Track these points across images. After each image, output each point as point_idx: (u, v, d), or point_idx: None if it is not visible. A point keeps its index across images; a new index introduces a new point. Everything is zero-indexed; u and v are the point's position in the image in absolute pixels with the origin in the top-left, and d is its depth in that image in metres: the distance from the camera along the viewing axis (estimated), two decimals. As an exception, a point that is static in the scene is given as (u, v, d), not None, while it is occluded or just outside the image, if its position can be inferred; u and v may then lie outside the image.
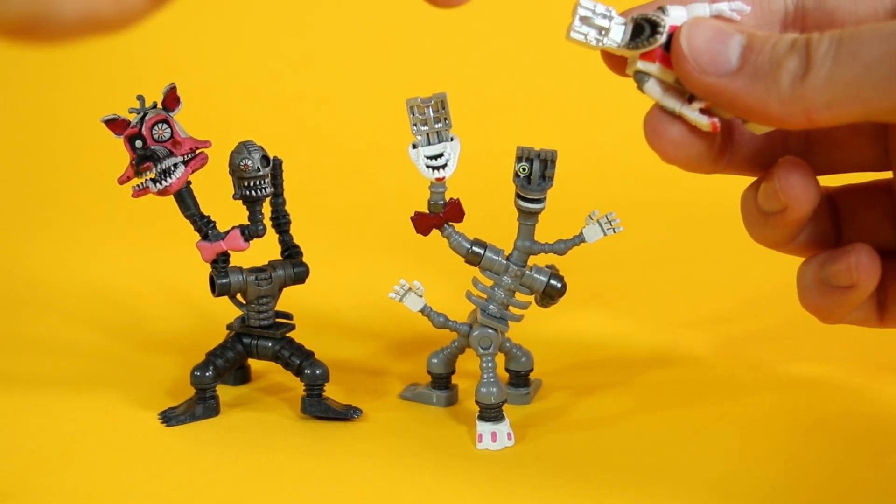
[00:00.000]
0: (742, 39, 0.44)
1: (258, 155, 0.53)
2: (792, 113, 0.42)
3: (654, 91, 0.45)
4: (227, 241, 0.55)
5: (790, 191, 0.47)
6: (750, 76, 0.43)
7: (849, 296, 0.48)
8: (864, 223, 0.52)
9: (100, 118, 0.53)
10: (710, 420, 0.54)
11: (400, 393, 0.58)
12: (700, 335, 0.66)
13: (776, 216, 0.48)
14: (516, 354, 0.57)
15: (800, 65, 0.42)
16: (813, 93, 0.41)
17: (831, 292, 0.49)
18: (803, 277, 0.50)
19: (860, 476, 0.48)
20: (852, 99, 0.41)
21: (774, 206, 0.48)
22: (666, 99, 0.45)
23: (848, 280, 0.48)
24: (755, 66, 0.43)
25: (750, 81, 0.43)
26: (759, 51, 0.43)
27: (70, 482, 0.48)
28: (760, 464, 0.49)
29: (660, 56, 0.44)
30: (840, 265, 0.48)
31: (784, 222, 0.48)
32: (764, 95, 0.42)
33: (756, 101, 0.43)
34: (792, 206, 0.47)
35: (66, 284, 0.77)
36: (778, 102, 0.42)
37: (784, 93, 0.42)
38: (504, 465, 0.50)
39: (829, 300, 0.49)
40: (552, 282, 0.53)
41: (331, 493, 0.47)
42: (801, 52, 0.42)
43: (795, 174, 0.47)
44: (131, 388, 0.59)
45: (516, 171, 0.51)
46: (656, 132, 0.46)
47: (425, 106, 0.51)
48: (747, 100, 0.43)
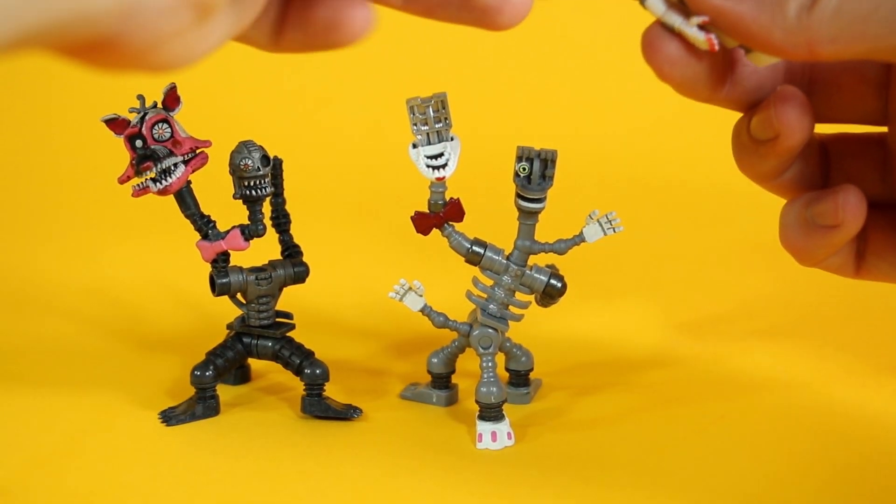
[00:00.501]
0: None
1: (258, 155, 0.53)
2: (795, 43, 0.42)
3: (655, 6, 0.44)
4: (227, 241, 0.55)
5: (784, 117, 0.46)
6: (757, 2, 0.42)
7: (832, 236, 0.48)
8: (853, 171, 0.52)
9: (100, 118, 0.53)
10: (710, 420, 0.54)
11: (400, 393, 0.58)
12: (700, 335, 0.66)
13: (767, 144, 0.48)
14: (516, 354, 0.57)
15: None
16: (819, 25, 0.41)
17: (815, 232, 0.48)
18: (786, 216, 0.50)
19: (860, 476, 0.48)
20: (858, 34, 0.41)
21: (767, 134, 0.47)
22: (668, 15, 0.44)
23: (833, 219, 0.48)
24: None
25: (756, 6, 0.42)
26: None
27: (70, 482, 0.48)
28: (760, 464, 0.49)
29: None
30: (827, 204, 0.47)
31: (775, 151, 0.48)
32: (768, 22, 0.42)
33: (760, 28, 0.42)
34: (785, 133, 0.47)
35: (66, 284, 0.77)
36: (782, 31, 0.42)
37: (789, 22, 0.42)
38: (504, 464, 0.50)
39: (811, 240, 0.49)
40: (552, 281, 0.53)
41: (331, 492, 0.47)
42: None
43: (792, 102, 0.47)
44: (131, 388, 0.59)
45: (516, 170, 0.51)
46: (653, 47, 0.45)
47: (425, 106, 0.51)
48: (751, 25, 0.42)
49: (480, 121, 0.54)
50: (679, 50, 0.45)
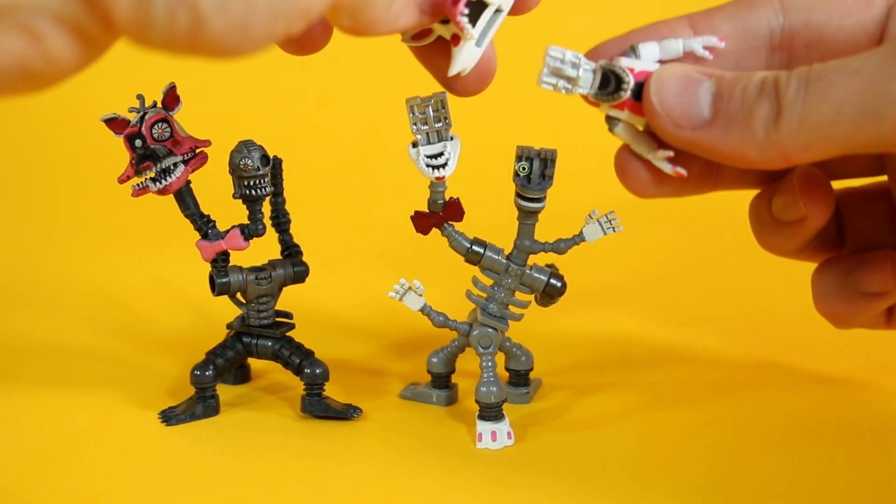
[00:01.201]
0: (711, 86, 0.44)
1: (258, 154, 0.53)
2: (770, 157, 0.42)
3: (624, 136, 0.46)
4: (226, 241, 0.54)
5: (812, 201, 0.47)
6: (724, 126, 0.43)
7: (879, 302, 0.49)
8: (866, 226, 0.52)
9: (100, 117, 0.53)
10: (710, 420, 0.54)
11: (400, 392, 0.58)
12: (700, 335, 0.66)
13: (793, 225, 0.49)
14: (516, 354, 0.57)
15: (771, 109, 0.42)
16: (788, 136, 0.41)
17: (858, 299, 0.49)
18: (822, 283, 0.51)
19: (861, 476, 0.48)
20: (827, 138, 0.41)
21: (793, 216, 0.48)
22: (636, 143, 0.46)
23: (883, 287, 0.49)
24: (727, 114, 0.43)
25: (724, 131, 0.43)
26: (730, 97, 0.43)
27: (70, 482, 0.48)
28: (760, 464, 0.49)
29: (629, 105, 0.45)
30: (874, 273, 0.49)
31: (802, 231, 0.49)
32: (740, 143, 0.43)
33: (733, 150, 0.43)
34: (813, 215, 0.48)
35: (66, 284, 0.77)
36: (755, 149, 0.42)
37: (759, 139, 0.42)
38: (504, 464, 0.50)
39: (853, 306, 0.50)
40: (552, 281, 0.53)
41: (331, 492, 0.47)
42: (771, 95, 0.42)
43: (817, 185, 0.48)
44: (131, 388, 0.59)
45: (516, 170, 0.51)
46: (626, 174, 0.47)
47: (425, 105, 0.51)
48: (724, 149, 0.43)
49: (480, 121, 0.54)
50: (650, 175, 0.46)
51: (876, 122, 0.40)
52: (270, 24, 0.35)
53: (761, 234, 0.51)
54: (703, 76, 0.44)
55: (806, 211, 0.48)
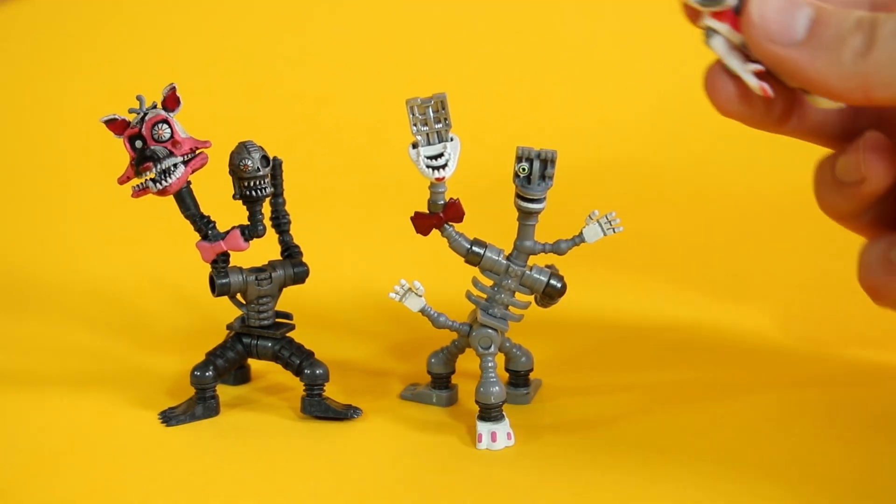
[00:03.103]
0: (811, 12, 0.45)
1: (258, 155, 0.53)
2: (850, 88, 0.43)
3: (718, 48, 0.46)
4: (227, 241, 0.54)
5: (873, 164, 0.48)
6: (814, 49, 0.44)
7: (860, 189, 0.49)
8: None
9: (99, 118, 0.53)
10: (710, 420, 0.54)
11: (400, 393, 0.58)
12: (700, 335, 0.66)
13: (852, 187, 0.49)
14: (516, 354, 0.57)
15: (863, 42, 0.43)
16: (874, 70, 0.43)
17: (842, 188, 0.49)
18: (867, 255, 0.50)
19: (861, 476, 0.48)
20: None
21: (853, 177, 0.49)
22: (729, 58, 0.46)
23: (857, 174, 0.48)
24: (820, 39, 0.44)
25: (813, 54, 0.44)
26: (826, 25, 0.44)
27: (70, 482, 0.48)
28: (760, 464, 0.49)
29: (730, 17, 0.46)
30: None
31: (860, 194, 0.49)
32: (825, 69, 0.44)
33: (817, 74, 0.44)
34: (871, 178, 0.48)
35: (66, 284, 0.77)
36: (838, 77, 0.43)
37: (845, 68, 0.43)
38: (504, 465, 0.50)
39: (893, 280, 0.49)
40: (552, 282, 0.53)
41: (331, 493, 0.47)
42: (866, 29, 0.43)
43: (881, 150, 0.48)
44: (131, 388, 0.59)
45: (516, 171, 0.51)
46: (714, 87, 0.48)
47: (425, 106, 0.51)
48: (809, 72, 0.44)
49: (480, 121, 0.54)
50: (737, 91, 0.47)
51: None
52: None
53: (821, 193, 0.51)
54: (806, 2, 0.45)
55: (866, 173, 0.48)
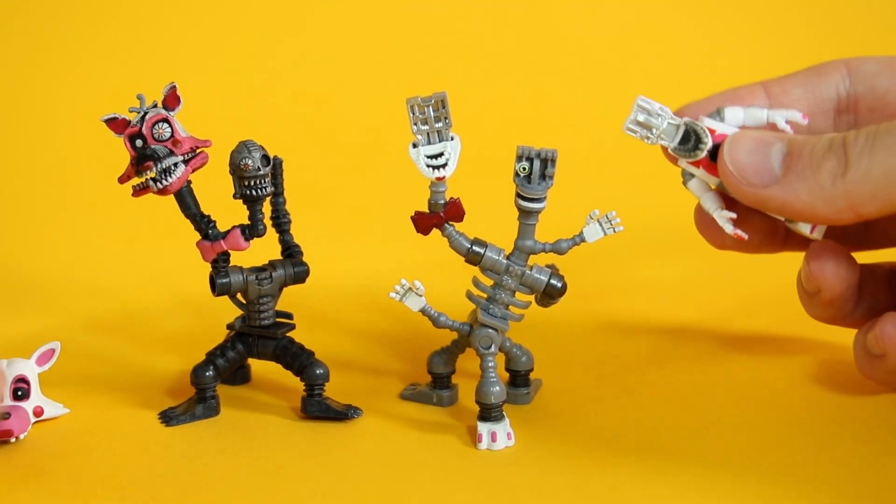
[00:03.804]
0: (783, 147, 0.47)
1: (258, 154, 0.53)
2: (838, 210, 0.45)
3: (696, 190, 0.50)
4: (227, 241, 0.54)
5: (819, 274, 0.50)
6: (793, 182, 0.46)
7: (885, 363, 0.51)
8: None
9: (100, 117, 0.53)
10: (710, 420, 0.54)
11: (400, 393, 0.58)
12: (700, 335, 0.66)
13: (816, 297, 0.51)
14: (516, 354, 0.57)
15: (838, 163, 0.44)
16: (855, 187, 0.44)
17: (874, 360, 0.51)
18: (856, 346, 0.53)
19: (862, 476, 0.48)
20: (893, 187, 0.43)
21: (811, 288, 0.51)
22: (705, 199, 0.50)
23: (878, 348, 0.50)
24: (797, 171, 0.46)
25: (794, 187, 0.46)
26: (799, 156, 0.46)
27: (70, 482, 0.48)
28: (761, 464, 0.49)
29: (704, 163, 0.49)
30: (871, 334, 0.50)
31: (822, 302, 0.51)
32: (809, 198, 0.45)
33: (803, 205, 0.46)
34: (824, 288, 0.50)
35: (66, 284, 0.77)
36: (823, 202, 0.45)
37: (827, 192, 0.45)
38: (504, 465, 0.50)
39: (873, 367, 0.52)
40: (552, 281, 0.53)
41: (331, 493, 0.47)
42: (839, 151, 0.45)
43: (825, 258, 0.50)
44: (131, 388, 0.59)
45: (516, 170, 0.51)
46: (703, 223, 0.52)
47: (425, 105, 0.51)
48: (795, 204, 0.46)
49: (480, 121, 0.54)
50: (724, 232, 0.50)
51: None
52: None
53: (802, 301, 0.53)
54: (776, 138, 0.47)
55: (816, 284, 0.50)
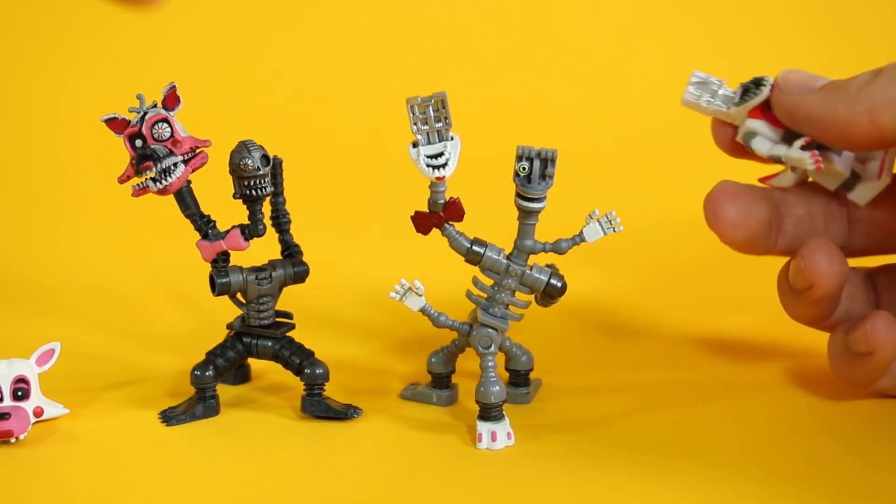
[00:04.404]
0: (826, 81, 0.50)
1: (258, 154, 0.53)
2: (857, 113, 0.47)
3: (761, 146, 0.52)
4: (227, 241, 0.54)
5: (815, 268, 0.50)
6: (827, 92, 0.49)
7: (870, 362, 0.51)
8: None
9: (100, 117, 0.53)
10: (710, 420, 0.54)
11: (400, 392, 0.58)
12: (700, 335, 0.66)
13: (805, 294, 0.51)
14: (516, 354, 0.57)
15: (870, 76, 0.48)
16: (878, 93, 0.47)
17: (855, 359, 0.51)
18: (832, 346, 0.53)
19: (861, 475, 0.48)
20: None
21: (802, 284, 0.51)
22: (773, 150, 0.51)
23: (866, 346, 0.50)
24: (832, 86, 0.49)
25: (824, 95, 0.49)
26: (839, 82, 0.49)
27: (70, 482, 0.48)
28: (761, 464, 0.49)
29: (764, 113, 0.51)
30: (858, 332, 0.50)
31: (812, 299, 0.51)
32: (833, 102, 0.48)
33: (826, 108, 0.48)
34: (817, 283, 0.50)
35: (66, 284, 0.77)
36: (844, 105, 0.48)
37: (851, 95, 0.48)
38: (504, 465, 0.50)
39: (855, 368, 0.52)
40: (552, 281, 0.53)
41: (331, 492, 0.47)
42: (872, 72, 0.48)
43: (820, 253, 0.50)
44: (131, 388, 0.59)
45: (516, 170, 0.51)
46: (716, 215, 0.52)
47: (425, 105, 0.51)
48: (820, 109, 0.49)
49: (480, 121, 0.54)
50: (739, 215, 0.52)
51: None
52: None
53: (784, 302, 0.54)
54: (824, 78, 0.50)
55: (810, 279, 0.49)
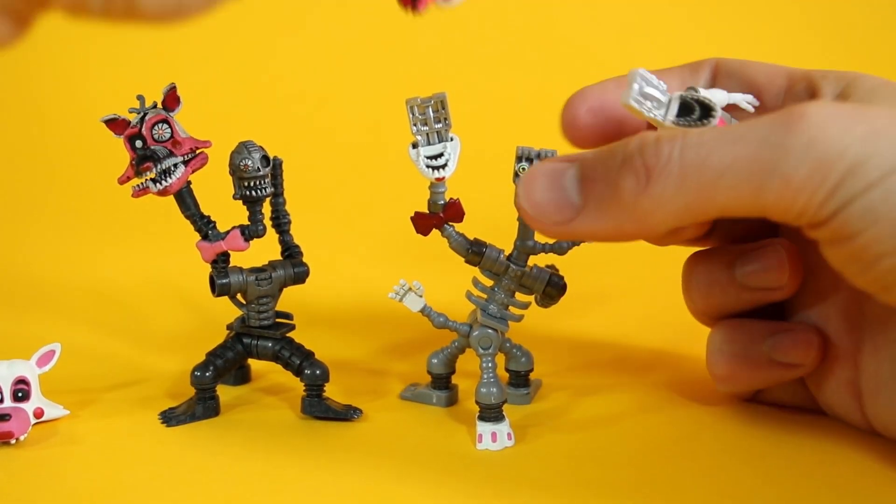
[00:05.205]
0: (576, 172, 0.44)
1: (258, 155, 0.53)
2: (649, 227, 0.43)
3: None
4: (227, 241, 0.54)
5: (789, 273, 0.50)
6: (595, 209, 0.43)
7: (793, 372, 0.51)
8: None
9: (100, 118, 0.53)
10: (710, 420, 0.54)
11: (400, 393, 0.58)
12: (700, 335, 0.65)
13: (760, 292, 0.51)
14: (516, 354, 0.57)
15: (637, 180, 0.42)
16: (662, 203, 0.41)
17: (772, 367, 0.51)
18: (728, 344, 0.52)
19: (861, 475, 0.48)
20: (706, 201, 0.41)
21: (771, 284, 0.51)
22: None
23: (799, 359, 0.50)
24: (596, 197, 0.43)
25: (598, 214, 0.43)
26: (594, 179, 0.43)
27: (70, 482, 0.48)
28: (761, 464, 0.49)
29: None
30: (795, 345, 0.50)
31: (767, 298, 0.51)
32: (615, 221, 0.43)
33: (612, 230, 0.43)
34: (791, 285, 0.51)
35: (66, 284, 0.77)
36: (631, 223, 0.43)
37: (631, 212, 0.42)
38: (504, 465, 0.50)
39: (760, 373, 0.51)
40: (552, 282, 0.53)
41: (331, 493, 0.47)
42: (636, 165, 0.42)
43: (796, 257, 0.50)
44: (131, 389, 0.59)
45: (516, 170, 0.51)
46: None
47: (425, 106, 0.51)
48: (606, 231, 0.43)
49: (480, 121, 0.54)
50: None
51: (758, 192, 0.40)
52: (206, 3, 0.35)
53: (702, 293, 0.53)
54: (567, 164, 0.44)
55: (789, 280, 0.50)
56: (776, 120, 0.40)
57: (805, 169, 0.39)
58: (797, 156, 0.39)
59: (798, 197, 0.40)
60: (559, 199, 0.44)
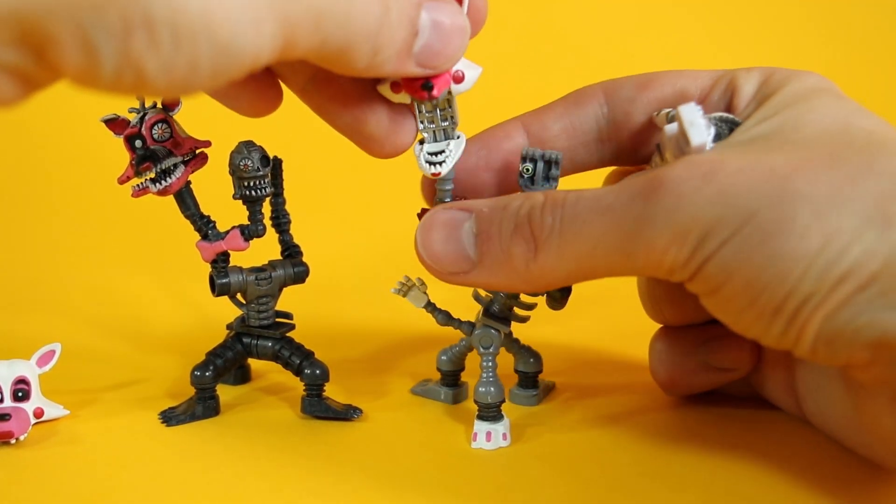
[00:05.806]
0: (472, 226, 0.47)
1: (258, 155, 0.53)
2: (538, 288, 0.47)
3: None
4: (226, 241, 0.54)
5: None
6: (490, 266, 0.46)
7: (728, 377, 0.54)
8: None
9: (99, 118, 0.53)
10: (710, 420, 0.54)
11: (411, 388, 0.58)
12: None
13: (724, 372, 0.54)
14: (525, 356, 0.57)
15: (527, 247, 0.45)
16: (549, 270, 0.45)
17: (711, 373, 0.54)
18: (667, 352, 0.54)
19: (861, 475, 0.48)
20: (587, 269, 0.44)
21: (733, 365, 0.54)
22: None
23: (735, 364, 0.53)
24: (490, 255, 0.46)
25: (492, 271, 0.46)
26: (489, 236, 0.46)
27: (70, 482, 0.48)
28: (761, 464, 0.49)
29: None
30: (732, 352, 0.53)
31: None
32: (507, 280, 0.46)
33: (506, 286, 0.47)
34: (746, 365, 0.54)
35: (66, 285, 0.77)
36: (523, 283, 0.46)
37: (523, 276, 0.45)
38: (504, 465, 0.50)
39: (701, 378, 0.54)
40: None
41: (331, 492, 0.47)
42: (525, 233, 0.45)
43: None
44: (131, 389, 0.59)
45: (520, 171, 0.51)
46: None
47: (433, 104, 0.50)
48: (498, 286, 0.47)
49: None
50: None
51: (629, 258, 0.43)
52: (212, 80, 0.36)
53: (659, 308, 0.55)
54: (465, 214, 0.47)
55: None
56: (641, 189, 0.43)
57: (667, 235, 0.42)
58: (658, 224, 0.42)
59: (663, 259, 0.42)
60: (456, 252, 0.47)
